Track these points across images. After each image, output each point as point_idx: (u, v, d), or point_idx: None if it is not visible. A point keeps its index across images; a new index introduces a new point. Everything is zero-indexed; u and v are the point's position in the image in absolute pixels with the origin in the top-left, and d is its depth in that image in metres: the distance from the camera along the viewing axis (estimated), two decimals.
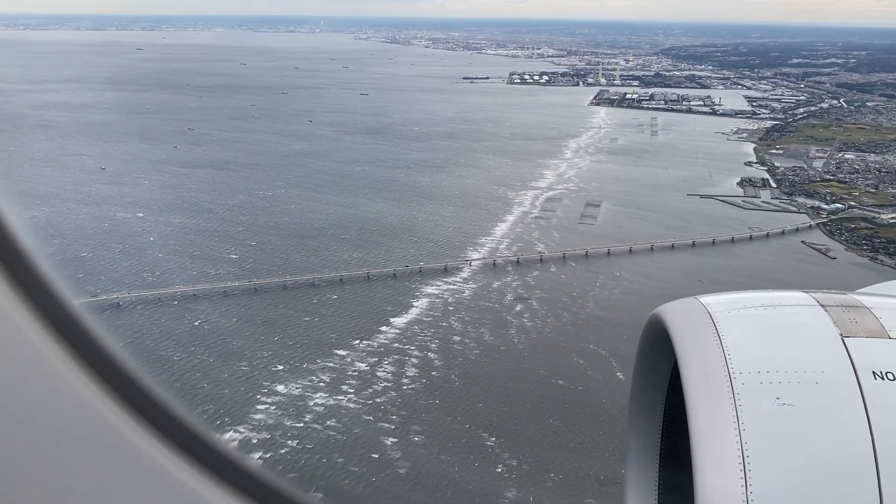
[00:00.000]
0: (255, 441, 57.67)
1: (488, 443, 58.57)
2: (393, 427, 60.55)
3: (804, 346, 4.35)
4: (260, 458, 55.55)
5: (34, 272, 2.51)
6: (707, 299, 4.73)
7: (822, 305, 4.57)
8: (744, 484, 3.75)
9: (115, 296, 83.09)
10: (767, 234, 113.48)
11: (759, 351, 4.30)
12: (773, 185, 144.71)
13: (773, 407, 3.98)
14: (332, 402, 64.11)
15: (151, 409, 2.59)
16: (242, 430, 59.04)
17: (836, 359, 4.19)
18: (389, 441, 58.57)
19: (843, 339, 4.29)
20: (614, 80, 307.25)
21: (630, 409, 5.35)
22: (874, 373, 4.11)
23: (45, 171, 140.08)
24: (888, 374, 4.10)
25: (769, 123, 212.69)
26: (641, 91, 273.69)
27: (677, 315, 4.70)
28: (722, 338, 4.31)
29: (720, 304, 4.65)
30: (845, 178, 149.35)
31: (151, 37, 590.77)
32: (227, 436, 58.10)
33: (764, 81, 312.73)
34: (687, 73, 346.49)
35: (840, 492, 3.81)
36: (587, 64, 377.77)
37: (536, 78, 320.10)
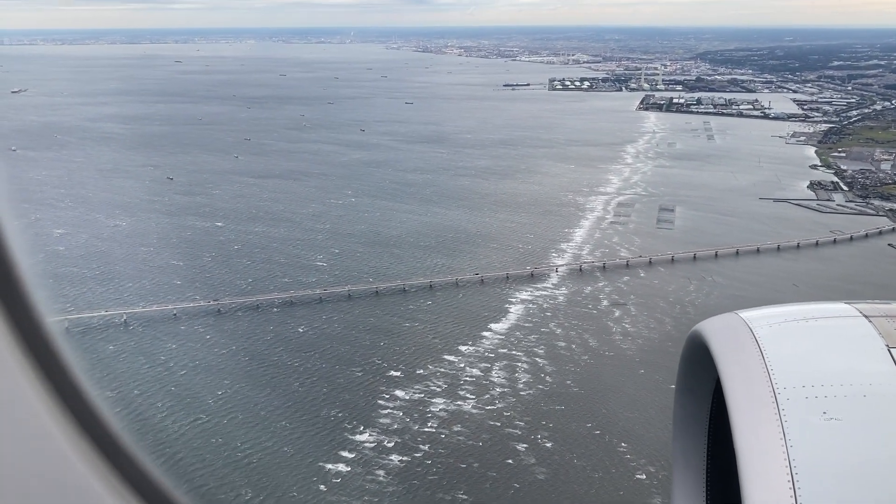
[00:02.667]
0: (389, 445, 57.75)
1: (620, 448, 58.08)
2: (520, 433, 60.30)
3: (849, 359, 4.23)
4: (399, 461, 55.73)
5: (16, 288, 2.45)
6: (747, 314, 4.66)
7: (865, 316, 4.45)
8: (794, 502, 3.60)
9: (215, 302, 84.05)
10: (851, 238, 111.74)
11: (802, 365, 4.19)
12: (844, 188, 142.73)
13: (820, 422, 3.86)
14: (453, 407, 64.08)
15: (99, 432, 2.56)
16: (374, 433, 59.19)
17: (883, 370, 4.05)
18: (521, 447, 58.31)
19: (889, 350, 4.16)
20: (657, 84, 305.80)
21: (674, 426, 5.30)
22: None
23: (117, 181, 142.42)
24: None
25: (824, 126, 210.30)
26: (687, 95, 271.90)
27: (718, 331, 4.62)
28: (764, 353, 4.23)
29: (760, 319, 4.57)
30: None
31: (186, 49, 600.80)
32: (362, 437, 58.38)
33: (808, 84, 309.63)
34: (728, 77, 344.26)
35: None
36: (625, 69, 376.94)
37: (578, 84, 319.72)
